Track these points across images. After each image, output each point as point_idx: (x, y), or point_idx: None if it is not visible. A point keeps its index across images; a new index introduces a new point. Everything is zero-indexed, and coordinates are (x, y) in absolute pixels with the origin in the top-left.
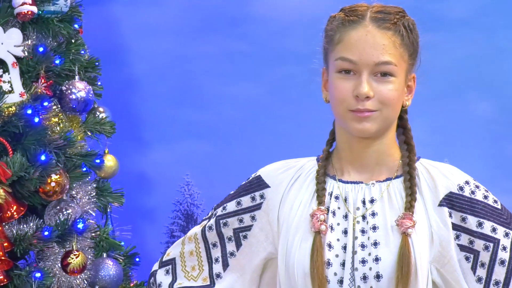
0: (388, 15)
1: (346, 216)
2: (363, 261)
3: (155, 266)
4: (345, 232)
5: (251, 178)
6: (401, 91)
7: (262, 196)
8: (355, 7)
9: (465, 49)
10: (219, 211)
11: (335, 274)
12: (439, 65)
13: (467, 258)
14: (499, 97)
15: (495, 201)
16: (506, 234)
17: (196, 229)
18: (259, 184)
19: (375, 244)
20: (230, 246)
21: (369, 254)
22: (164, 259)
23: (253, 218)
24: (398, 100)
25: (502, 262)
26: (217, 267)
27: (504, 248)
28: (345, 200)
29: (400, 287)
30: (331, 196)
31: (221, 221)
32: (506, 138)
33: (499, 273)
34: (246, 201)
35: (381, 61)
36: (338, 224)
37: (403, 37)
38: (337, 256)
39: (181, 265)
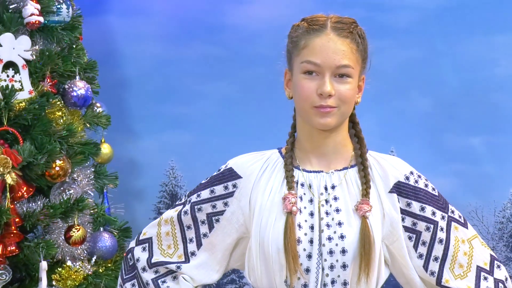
0: (345, 25)
1: (311, 201)
2: (329, 238)
3: (132, 244)
4: (311, 214)
5: (222, 169)
6: (355, 90)
7: (234, 185)
8: (315, 17)
9: (408, 53)
10: (194, 198)
11: (304, 249)
12: (386, 67)
13: (410, 238)
14: (436, 95)
15: (433, 189)
16: (443, 217)
17: (172, 213)
18: (231, 175)
19: (339, 224)
20: (203, 228)
21: (335, 232)
22: (140, 238)
23: (225, 204)
24: (353, 98)
25: (441, 241)
26: (192, 246)
27: (442, 229)
28: (310, 186)
29: (363, 262)
30: (297, 183)
31: (195, 207)
32: (443, 129)
33: (438, 250)
34: (219, 189)
35: (342, 64)
36: (305, 207)
37: (358, 44)
38: (305, 234)
39: (158, 243)
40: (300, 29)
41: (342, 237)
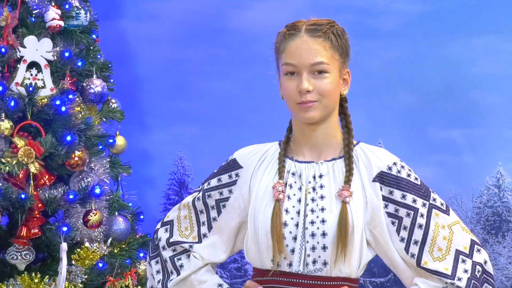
0: (319, 26)
1: (300, 188)
2: (312, 222)
3: (158, 225)
4: (299, 200)
5: (228, 160)
6: (336, 83)
7: (237, 175)
8: (295, 23)
9: (394, 54)
10: (205, 186)
11: (290, 232)
12: (374, 66)
13: (393, 223)
14: (420, 91)
15: (416, 178)
16: (424, 204)
17: (189, 199)
18: (235, 165)
19: (322, 209)
20: (213, 213)
21: (317, 217)
22: (165, 220)
23: (230, 191)
24: (334, 91)
25: (420, 226)
26: (204, 229)
27: (422, 215)
28: (300, 176)
29: (340, 243)
30: (289, 173)
31: (206, 194)
32: (425, 123)
33: (418, 234)
34: (225, 178)
35: (315, 62)
36: (294, 194)
37: (332, 42)
38: (292, 218)
39: (177, 225)
40: (280, 36)
41: (323, 221)
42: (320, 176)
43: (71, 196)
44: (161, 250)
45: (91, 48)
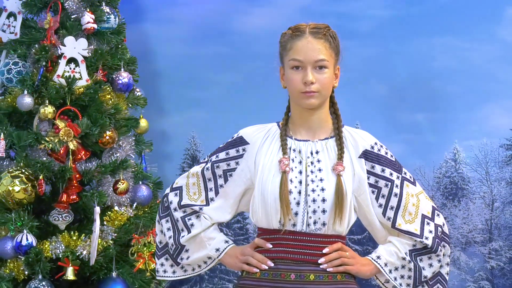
0: (320, 29)
1: (300, 162)
2: (313, 190)
3: (168, 190)
4: (300, 172)
5: (235, 137)
6: (331, 78)
7: (244, 150)
8: (298, 26)
9: (370, 51)
10: (213, 158)
11: (294, 198)
12: (352, 61)
13: (373, 192)
14: (391, 82)
15: (391, 156)
16: (398, 177)
17: (197, 169)
18: (242, 141)
19: (321, 180)
20: (220, 181)
21: (317, 186)
22: (174, 186)
23: (237, 163)
24: (330, 84)
25: (396, 195)
26: (211, 194)
27: (397, 186)
28: (299, 151)
29: (337, 208)
30: (290, 149)
31: (215, 165)
32: (395, 108)
33: (393, 201)
34: (232, 152)
35: (319, 59)
36: (296, 167)
37: (330, 43)
38: (295, 187)
39: (186, 191)
40: (287, 36)
41: (322, 189)
42: (317, 152)
43: (103, 169)
44: (173, 211)
45: (120, 46)
